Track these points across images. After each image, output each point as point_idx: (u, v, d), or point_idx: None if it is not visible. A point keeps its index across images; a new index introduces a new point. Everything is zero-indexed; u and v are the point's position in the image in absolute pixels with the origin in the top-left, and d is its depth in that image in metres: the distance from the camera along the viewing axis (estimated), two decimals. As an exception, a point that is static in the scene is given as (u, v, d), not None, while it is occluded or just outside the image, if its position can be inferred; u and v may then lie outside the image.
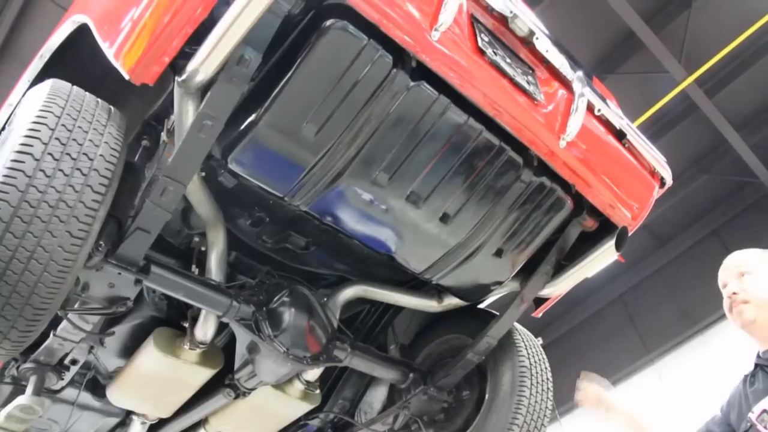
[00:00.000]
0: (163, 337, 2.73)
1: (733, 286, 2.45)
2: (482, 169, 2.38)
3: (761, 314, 2.36)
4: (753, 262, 2.46)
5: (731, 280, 2.47)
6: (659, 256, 11.60)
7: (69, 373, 2.80)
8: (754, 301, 2.38)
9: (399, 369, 3.05)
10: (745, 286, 2.42)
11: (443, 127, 2.24)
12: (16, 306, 1.89)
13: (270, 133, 2.13)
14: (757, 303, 2.38)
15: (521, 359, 2.94)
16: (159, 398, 2.97)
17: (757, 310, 2.37)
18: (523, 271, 2.82)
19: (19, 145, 1.88)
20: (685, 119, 9.35)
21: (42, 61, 2.54)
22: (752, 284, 2.41)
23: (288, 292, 2.70)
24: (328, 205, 2.37)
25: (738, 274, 2.45)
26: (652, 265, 11.57)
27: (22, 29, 8.09)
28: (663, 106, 8.90)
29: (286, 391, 3.01)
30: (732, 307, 2.48)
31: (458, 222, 2.47)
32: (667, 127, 9.42)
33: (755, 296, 2.39)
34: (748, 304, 2.39)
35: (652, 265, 11.57)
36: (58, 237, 1.87)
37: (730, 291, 2.45)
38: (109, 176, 1.98)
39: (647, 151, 2.75)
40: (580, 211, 2.69)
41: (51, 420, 3.20)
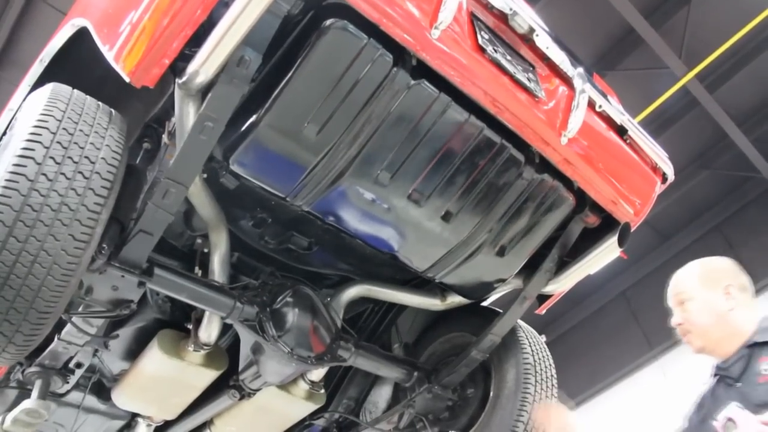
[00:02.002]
0: (167, 339, 2.74)
1: (676, 317, 2.42)
2: (484, 166, 2.38)
3: (707, 342, 2.33)
4: (690, 287, 2.41)
5: (674, 310, 2.44)
6: (661, 252, 11.57)
7: (74, 376, 2.81)
8: (696, 331, 2.35)
9: (403, 368, 3.05)
10: (686, 316, 2.38)
11: (444, 125, 2.24)
12: (20, 310, 1.90)
13: (271, 133, 2.13)
14: (698, 332, 2.35)
15: (525, 356, 2.93)
16: (164, 400, 2.97)
17: (702, 339, 2.34)
18: (526, 269, 2.81)
19: (21, 149, 1.88)
20: (686, 115, 9.33)
21: (42, 66, 2.54)
22: (692, 312, 2.37)
23: (291, 292, 2.70)
24: (330, 204, 2.37)
25: (678, 303, 2.42)
26: (654, 262, 11.55)
27: (22, 34, 8.09)
28: (664, 102, 8.88)
29: (290, 392, 3.00)
30: (681, 335, 2.45)
31: (460, 220, 2.47)
32: (667, 123, 9.41)
33: (695, 324, 2.35)
34: (691, 334, 2.36)
35: (654, 262, 11.55)
36: (61, 240, 1.87)
37: (674, 322, 2.42)
38: (111, 179, 1.98)
39: (649, 147, 2.74)
40: (582, 208, 2.69)
41: (57, 423, 3.21)
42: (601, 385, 11.63)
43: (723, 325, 2.30)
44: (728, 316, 2.29)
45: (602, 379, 11.63)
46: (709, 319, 2.32)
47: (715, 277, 2.38)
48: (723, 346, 2.28)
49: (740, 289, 2.36)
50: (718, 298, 2.33)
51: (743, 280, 2.40)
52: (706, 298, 2.34)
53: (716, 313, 2.31)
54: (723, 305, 2.31)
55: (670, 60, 8.10)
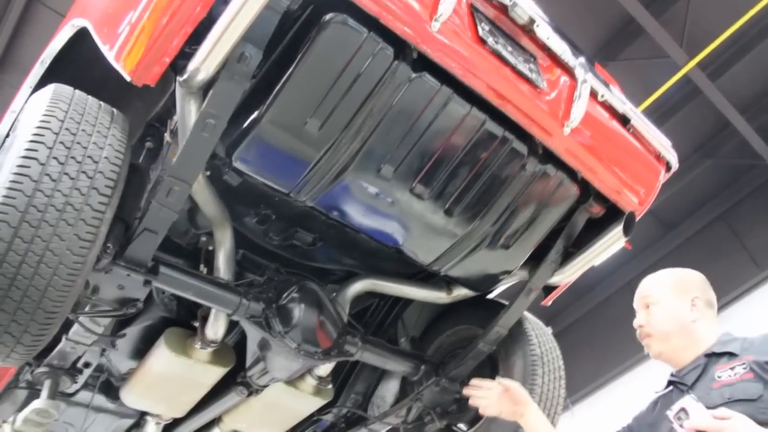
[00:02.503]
0: (174, 337, 2.74)
1: (639, 318, 2.41)
2: (487, 158, 2.38)
3: (666, 348, 2.34)
4: (658, 291, 2.41)
5: (639, 311, 2.44)
6: (666, 242, 11.56)
7: (82, 376, 2.82)
8: (656, 335, 2.35)
9: (410, 361, 3.06)
10: (650, 319, 2.37)
11: (447, 117, 2.24)
12: (27, 310, 1.90)
13: (273, 129, 2.13)
14: (658, 337, 2.35)
15: (532, 348, 2.94)
16: (172, 398, 2.98)
17: (661, 344, 2.34)
18: (531, 260, 2.82)
19: (24, 150, 1.89)
20: (688, 104, 9.30)
21: (43, 67, 2.55)
22: (655, 317, 2.37)
23: (297, 288, 2.70)
24: (334, 199, 2.37)
25: (644, 305, 2.41)
26: (659, 252, 11.53)
27: (22, 38, 8.11)
28: (665, 91, 8.86)
29: (298, 387, 3.01)
30: (640, 338, 2.45)
31: (464, 212, 2.47)
32: (670, 113, 9.38)
33: (656, 329, 2.35)
34: (651, 338, 2.36)
35: (659, 252, 11.53)
36: (66, 240, 1.88)
37: (636, 323, 2.42)
38: (115, 178, 1.99)
39: (652, 136, 2.74)
40: (587, 198, 2.69)
41: (67, 423, 3.22)
42: (607, 376, 11.64)
43: (683, 334, 2.31)
44: (690, 326, 2.31)
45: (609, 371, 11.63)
46: (671, 326, 2.33)
47: (685, 287, 2.38)
48: (680, 355, 2.30)
49: (706, 304, 2.37)
50: (683, 307, 2.34)
51: (711, 296, 2.41)
52: (672, 306, 2.35)
53: (679, 322, 2.32)
54: (687, 315, 2.32)
55: (671, 49, 8.08)
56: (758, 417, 1.94)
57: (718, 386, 2.11)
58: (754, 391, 2.02)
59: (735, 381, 2.08)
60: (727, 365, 2.15)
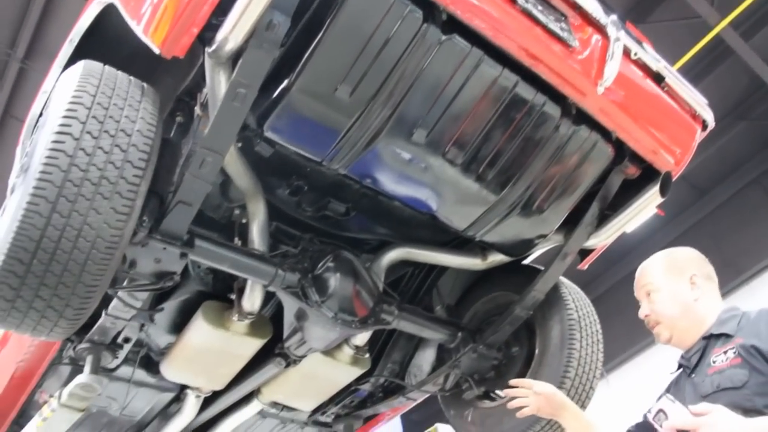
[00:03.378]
0: (211, 310, 2.76)
1: (644, 308, 2.39)
2: (520, 121, 2.35)
3: (675, 332, 2.30)
4: (657, 277, 2.37)
5: (642, 301, 2.41)
6: (700, 208, 11.40)
7: (123, 351, 2.85)
8: (665, 321, 2.32)
9: (447, 329, 3.05)
10: (654, 307, 2.35)
11: (478, 80, 2.21)
12: (68, 284, 1.93)
13: (304, 97, 2.12)
14: (667, 323, 2.31)
15: (569, 312, 2.92)
16: (211, 371, 3.01)
17: (670, 330, 2.31)
18: (566, 224, 2.79)
19: (58, 126, 1.90)
20: (721, 65, 9.10)
21: (72, 46, 2.55)
22: (658, 303, 2.34)
23: (332, 257, 2.70)
24: (367, 166, 2.36)
25: (645, 294, 2.38)
26: (692, 217, 11.38)
27: (48, 25, 8.17)
28: (697, 52, 8.68)
29: (336, 357, 3.03)
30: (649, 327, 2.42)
31: (498, 176, 2.45)
32: (701, 75, 9.18)
33: (663, 315, 2.32)
34: (661, 325, 2.33)
35: (692, 217, 11.38)
36: (103, 214, 1.89)
37: (642, 314, 2.39)
38: (148, 150, 2.00)
39: (687, 94, 2.69)
40: (622, 159, 2.65)
41: (110, 398, 3.28)
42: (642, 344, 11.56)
43: (689, 315, 2.28)
44: (693, 306, 2.28)
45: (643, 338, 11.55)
46: (676, 309, 2.30)
47: (680, 267, 2.35)
48: (689, 337, 2.27)
49: (706, 278, 2.34)
50: (683, 287, 2.30)
51: (708, 270, 2.38)
52: (672, 289, 2.32)
53: (682, 303, 2.29)
54: (688, 295, 2.29)
55: (702, 8, 7.90)
56: (744, 404, 1.93)
57: (712, 372, 2.09)
58: (740, 378, 1.99)
59: (725, 367, 2.05)
60: (721, 349, 2.12)
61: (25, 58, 8.45)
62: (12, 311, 1.97)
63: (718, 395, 2.00)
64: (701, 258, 2.41)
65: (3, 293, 1.91)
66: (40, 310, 1.98)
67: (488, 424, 3.09)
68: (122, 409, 3.41)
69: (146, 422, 3.62)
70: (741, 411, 1.89)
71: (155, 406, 3.48)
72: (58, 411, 2.71)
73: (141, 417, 3.54)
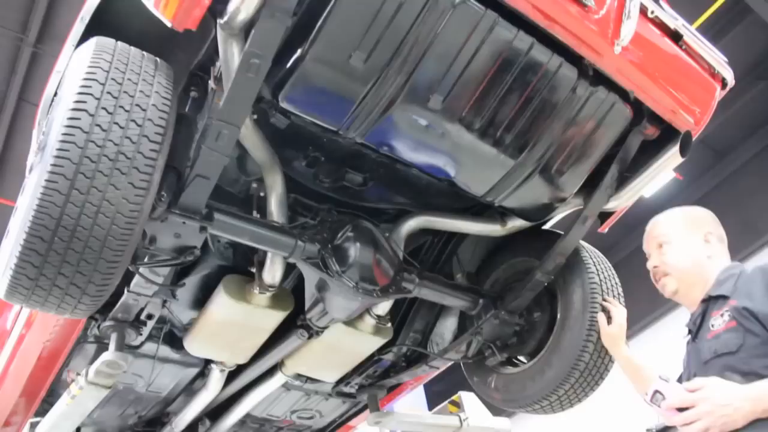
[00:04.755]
0: (232, 284, 2.77)
1: (653, 259, 2.41)
2: (536, 83, 2.32)
3: (682, 285, 2.33)
4: (670, 230, 2.41)
5: (652, 252, 2.44)
6: (719, 170, 11.28)
7: (146, 328, 2.88)
8: (674, 273, 2.35)
9: (468, 296, 3.05)
10: (664, 258, 2.37)
11: (493, 43, 2.18)
12: (90, 261, 1.94)
13: (318, 66, 2.10)
14: (676, 275, 2.34)
15: (591, 276, 2.90)
16: (234, 345, 3.03)
17: (678, 282, 2.33)
18: (585, 187, 2.76)
19: (73, 102, 1.90)
20: (739, 24, 8.94)
21: (83, 24, 2.54)
22: (670, 255, 2.37)
23: (351, 227, 2.69)
24: (383, 134, 2.34)
25: (657, 246, 2.41)
26: (712, 180, 11.27)
27: (58, 8, 8.16)
28: (714, 12, 8.53)
29: (358, 327, 3.04)
30: (655, 279, 2.46)
31: (516, 140, 2.43)
32: (719, 35, 9.03)
33: (674, 267, 2.35)
34: (669, 276, 2.36)
35: (712, 180, 11.27)
36: (121, 189, 1.90)
37: (651, 265, 2.42)
38: (164, 125, 1.99)
39: (706, 52, 2.65)
40: (640, 120, 2.62)
41: (135, 375, 3.32)
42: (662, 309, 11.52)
43: (698, 271, 2.29)
44: (705, 263, 2.29)
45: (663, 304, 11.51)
46: (687, 262, 2.32)
47: (697, 223, 2.37)
48: (691, 295, 2.28)
49: (719, 239, 2.35)
50: (697, 243, 2.33)
51: (722, 232, 2.40)
52: (686, 242, 2.34)
53: (694, 258, 2.31)
54: (702, 251, 2.31)
55: (719, -34, 7.76)
56: (742, 368, 1.92)
57: (711, 337, 2.08)
58: (735, 342, 1.98)
59: (721, 331, 2.04)
60: (719, 311, 2.10)
61: (38, 42, 8.47)
62: (36, 289, 1.99)
63: (716, 361, 2.00)
64: (716, 220, 2.43)
65: (26, 272, 1.93)
66: (62, 287, 1.99)
67: (512, 389, 3.10)
68: (148, 385, 3.46)
69: (172, 398, 3.67)
70: (739, 375, 1.90)
71: (180, 382, 3.51)
72: (85, 388, 2.74)
73: (167, 393, 3.59)
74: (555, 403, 2.99)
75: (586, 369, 2.86)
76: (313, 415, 4.00)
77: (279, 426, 4.11)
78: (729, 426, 1.84)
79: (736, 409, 1.83)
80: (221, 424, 3.77)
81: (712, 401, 1.86)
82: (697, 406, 1.88)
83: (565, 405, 3.01)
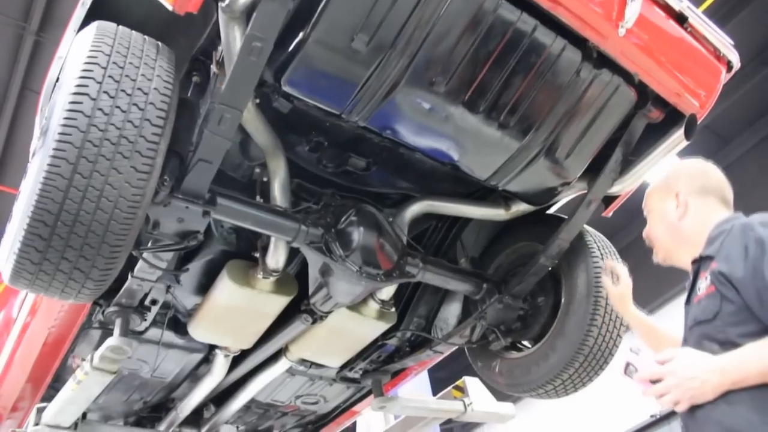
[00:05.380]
0: (236, 269, 2.78)
1: (645, 230, 2.31)
2: (540, 66, 2.30)
3: (666, 253, 2.22)
4: (649, 200, 2.29)
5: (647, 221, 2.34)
6: (723, 156, 11.20)
7: (150, 313, 2.89)
8: (656, 243, 2.25)
9: (472, 280, 3.04)
10: (647, 230, 2.28)
11: (497, 25, 2.16)
12: (93, 245, 1.94)
13: (320, 49, 2.09)
14: (657, 244, 2.24)
15: (595, 260, 2.89)
16: (238, 330, 3.04)
17: (662, 251, 2.23)
18: (589, 171, 2.75)
19: (75, 86, 1.89)
20: (745, 8, 8.88)
21: (84, 8, 2.53)
22: (650, 226, 2.27)
23: (355, 211, 2.69)
24: (387, 117, 2.33)
25: (647, 215, 2.30)
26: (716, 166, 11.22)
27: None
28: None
29: (362, 312, 3.04)
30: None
31: (520, 123, 2.42)
32: (725, 19, 8.96)
33: (654, 238, 2.25)
34: (654, 247, 2.26)
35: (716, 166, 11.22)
36: (124, 173, 1.90)
37: (644, 235, 2.31)
38: (166, 108, 1.99)
39: (711, 34, 2.63)
40: (645, 103, 2.60)
41: (140, 360, 3.33)
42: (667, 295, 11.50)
43: (675, 237, 2.17)
44: (677, 226, 2.16)
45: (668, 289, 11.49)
46: (661, 230, 2.22)
47: (669, 185, 2.24)
48: (681, 258, 2.16)
49: (696, 193, 2.17)
50: (669, 207, 2.19)
51: (701, 182, 2.20)
52: (660, 209, 2.23)
53: (666, 225, 2.19)
54: (672, 215, 2.17)
55: (725, -51, 7.68)
56: (717, 337, 1.84)
57: (696, 302, 1.98)
58: (712, 309, 1.87)
59: (702, 296, 1.94)
60: (705, 273, 1.97)
61: (40, 30, 8.44)
62: (40, 274, 1.99)
63: (695, 329, 1.92)
64: (696, 170, 2.26)
65: (29, 256, 1.93)
66: (66, 271, 2.00)
67: (516, 374, 3.10)
68: (153, 371, 3.47)
69: (177, 383, 3.68)
70: (717, 344, 1.82)
71: (185, 367, 3.53)
72: (91, 374, 2.75)
73: (172, 378, 3.60)
74: (559, 388, 3.00)
75: (590, 353, 2.86)
76: (317, 401, 4.02)
77: (283, 411, 4.13)
78: (698, 398, 1.77)
79: (704, 382, 1.75)
80: (226, 410, 3.79)
81: (678, 374, 1.80)
82: (665, 379, 1.82)
83: (570, 389, 3.01)
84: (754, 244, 1.82)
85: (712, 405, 1.76)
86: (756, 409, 1.70)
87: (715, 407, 1.76)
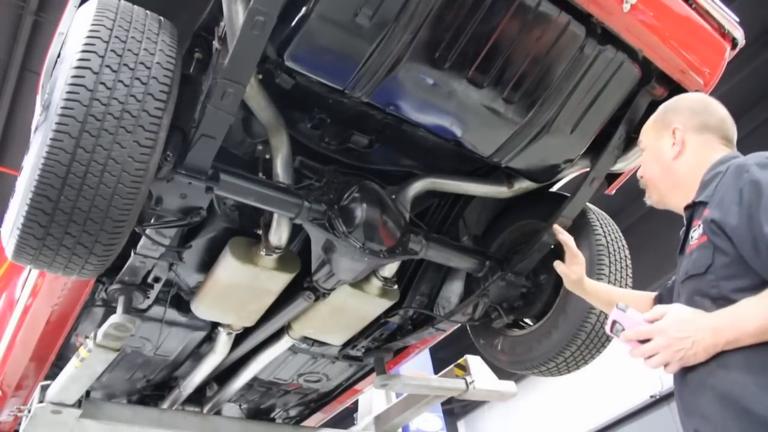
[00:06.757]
0: (238, 246, 2.78)
1: (639, 169, 2.11)
2: (544, 41, 2.29)
3: (658, 195, 2.02)
4: (645, 134, 2.08)
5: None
6: (728, 136, 11.18)
7: (153, 291, 2.88)
8: (649, 183, 2.04)
9: (475, 257, 3.04)
10: (641, 169, 2.08)
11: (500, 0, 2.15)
12: (96, 220, 1.94)
13: (323, 24, 2.08)
14: (650, 184, 2.04)
15: (597, 237, 2.89)
16: (241, 307, 3.04)
17: (655, 193, 2.03)
18: (593, 148, 2.74)
19: (77, 60, 1.88)
20: (750, -13, 8.82)
21: None
22: (643, 163, 2.06)
23: (357, 188, 2.68)
24: (390, 93, 2.32)
25: (641, 151, 2.11)
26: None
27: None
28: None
29: (364, 290, 3.04)
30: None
31: (523, 99, 2.41)
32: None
33: (648, 177, 2.04)
34: (647, 187, 2.05)
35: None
36: (127, 148, 1.89)
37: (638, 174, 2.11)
38: (169, 83, 1.98)
39: (716, 11, 2.61)
40: (649, 80, 2.59)
41: (143, 338, 3.34)
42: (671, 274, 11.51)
43: (668, 176, 1.96)
44: (672, 165, 1.95)
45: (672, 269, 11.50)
46: (655, 169, 2.01)
47: (666, 120, 2.01)
48: (674, 201, 1.97)
49: (696, 130, 1.94)
50: (665, 144, 1.98)
51: (702, 119, 1.96)
52: (655, 146, 2.02)
53: (661, 163, 1.98)
54: (668, 153, 1.96)
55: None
56: (710, 292, 1.67)
57: (688, 252, 1.79)
58: (704, 261, 1.69)
59: (694, 247, 1.75)
60: (698, 221, 1.77)
61: (39, 10, 8.40)
62: (43, 249, 1.99)
63: (687, 283, 1.75)
64: (697, 106, 2.01)
65: (33, 231, 1.93)
66: (69, 247, 2.00)
67: (518, 351, 3.11)
68: (156, 348, 3.48)
69: (180, 361, 3.69)
70: (709, 300, 1.66)
71: (188, 345, 3.54)
72: (94, 351, 2.76)
73: (175, 356, 3.61)
74: (561, 365, 3.00)
75: (592, 331, 2.86)
76: (320, 379, 4.03)
77: (286, 389, 4.15)
78: (690, 360, 1.62)
79: (695, 342, 1.60)
80: (229, 388, 3.81)
81: (668, 333, 1.63)
82: (653, 339, 1.66)
83: (572, 367, 3.02)
84: (750, 187, 1.63)
85: (705, 369, 1.62)
86: (750, 371, 1.54)
87: (709, 372, 1.61)
